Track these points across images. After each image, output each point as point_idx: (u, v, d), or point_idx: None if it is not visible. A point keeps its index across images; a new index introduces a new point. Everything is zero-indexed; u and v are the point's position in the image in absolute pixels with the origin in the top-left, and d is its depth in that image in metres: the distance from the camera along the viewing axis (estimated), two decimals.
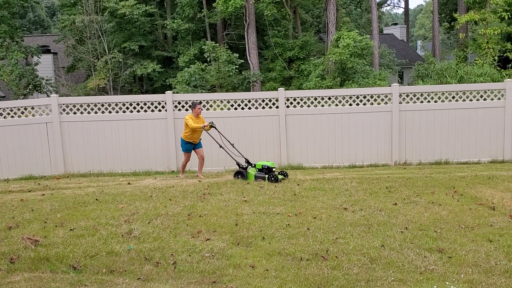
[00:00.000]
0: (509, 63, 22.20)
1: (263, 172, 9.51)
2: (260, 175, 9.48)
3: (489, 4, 22.17)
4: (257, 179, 9.45)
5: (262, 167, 9.59)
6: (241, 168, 9.94)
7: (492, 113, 11.67)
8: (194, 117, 10.14)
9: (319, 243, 5.51)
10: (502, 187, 8.14)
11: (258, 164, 9.72)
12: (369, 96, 11.82)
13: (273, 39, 24.42)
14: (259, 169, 9.62)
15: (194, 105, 10.27)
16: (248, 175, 9.65)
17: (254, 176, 9.52)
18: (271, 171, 9.51)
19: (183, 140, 10.28)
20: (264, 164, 9.59)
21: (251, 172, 9.67)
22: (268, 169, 9.52)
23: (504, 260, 4.93)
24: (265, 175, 9.43)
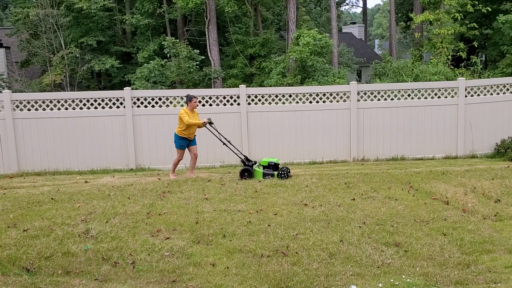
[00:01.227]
0: (462, 62, 23.03)
1: (271, 169, 9.30)
2: (268, 172, 9.25)
3: (443, 5, 22.90)
4: (265, 177, 9.20)
5: (268, 164, 9.35)
6: (247, 165, 9.45)
7: (446, 111, 12.07)
8: (189, 111, 9.45)
9: (279, 239, 5.54)
10: (455, 182, 8.43)
11: (264, 161, 9.46)
12: (328, 94, 11.99)
13: (234, 36, 24.37)
14: (266, 166, 9.36)
15: (190, 98, 9.54)
16: (256, 173, 9.30)
17: (262, 174, 9.24)
18: (277, 167, 9.34)
19: (177, 135, 9.53)
20: (271, 161, 9.38)
21: (258, 169, 9.34)
22: (275, 166, 9.33)
23: (457, 253, 5.11)
24: (273, 172, 9.24)
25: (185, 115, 9.32)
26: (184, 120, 9.27)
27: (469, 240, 5.44)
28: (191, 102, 9.55)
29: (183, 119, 9.31)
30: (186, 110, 9.46)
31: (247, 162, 9.50)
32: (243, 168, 9.40)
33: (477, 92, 12.18)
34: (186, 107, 9.61)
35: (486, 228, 5.88)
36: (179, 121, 9.47)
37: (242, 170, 9.37)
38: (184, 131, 9.47)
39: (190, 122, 9.30)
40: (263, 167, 9.40)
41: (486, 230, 5.81)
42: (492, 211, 6.56)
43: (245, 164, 9.47)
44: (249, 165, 9.45)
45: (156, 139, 11.63)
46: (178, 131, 9.55)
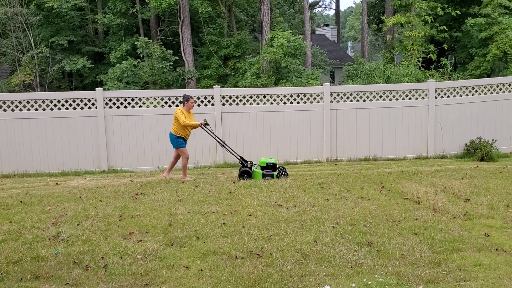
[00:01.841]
0: (433, 64, 23.53)
1: (270, 170, 9.25)
2: (268, 173, 9.19)
3: (414, 8, 23.34)
4: (265, 177, 9.14)
5: (267, 164, 9.27)
6: (246, 167, 9.34)
7: (417, 112, 12.30)
8: (186, 112, 9.25)
9: (254, 241, 5.53)
10: (426, 182, 8.59)
11: (262, 162, 9.36)
12: (302, 95, 12.07)
13: (208, 37, 24.29)
14: (264, 167, 9.28)
15: (187, 98, 9.36)
16: (255, 174, 9.23)
17: (262, 175, 9.16)
18: (275, 167, 9.30)
19: (174, 134, 9.25)
20: (269, 162, 9.30)
21: (258, 171, 9.26)
22: (273, 166, 9.27)
23: (428, 252, 5.19)
24: (273, 173, 9.21)
25: (181, 115, 9.10)
26: (181, 120, 9.05)
27: (439, 239, 5.54)
28: (187, 102, 9.35)
29: (179, 119, 9.09)
30: (182, 110, 9.23)
31: (245, 163, 9.39)
32: (243, 169, 9.28)
33: (446, 93, 12.45)
34: (182, 107, 9.38)
35: (456, 227, 6.01)
36: (175, 121, 9.24)
37: (242, 171, 9.26)
38: (180, 131, 9.24)
39: (186, 123, 9.10)
40: (261, 168, 9.31)
41: (456, 229, 5.93)
42: (462, 210, 6.70)
43: (244, 165, 9.35)
44: (248, 166, 9.34)
45: (128, 140, 11.48)
46: (174, 131, 9.28)
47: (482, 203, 7.04)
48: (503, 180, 8.62)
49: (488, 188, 7.97)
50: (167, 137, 11.46)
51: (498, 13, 22.52)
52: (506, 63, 22.86)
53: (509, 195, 7.50)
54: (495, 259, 4.97)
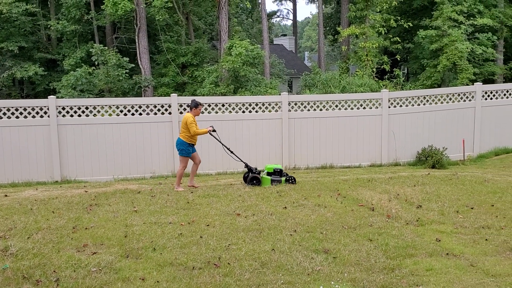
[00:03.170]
0: (386, 74, 24.25)
1: (278, 176, 9.44)
2: (276, 178, 9.40)
3: (368, 19, 24.04)
4: (273, 183, 9.34)
5: (274, 170, 9.48)
6: (255, 173, 9.44)
7: (371, 121, 12.62)
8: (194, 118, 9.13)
9: (211, 251, 5.49)
10: (380, 189, 8.81)
11: (269, 168, 9.56)
12: (261, 104, 12.14)
13: (166, 44, 24.08)
14: (271, 173, 9.48)
15: (196, 104, 9.19)
16: (264, 179, 9.38)
17: (271, 180, 9.35)
18: (282, 173, 9.50)
19: (186, 142, 9.02)
20: (276, 167, 9.53)
21: (266, 177, 9.42)
22: (280, 172, 9.49)
23: (382, 258, 5.32)
24: (280, 178, 9.41)
25: (193, 124, 8.98)
26: (192, 130, 8.93)
27: (393, 245, 5.68)
28: (196, 108, 9.23)
29: (190, 129, 8.94)
30: (193, 117, 9.10)
31: (254, 170, 9.52)
32: (252, 176, 9.40)
33: (399, 103, 12.85)
34: (190, 112, 9.20)
35: (408, 233, 6.18)
36: (185, 128, 9.02)
37: (252, 177, 9.38)
38: (191, 137, 9.11)
39: (198, 132, 9.02)
40: (268, 174, 9.50)
41: (409, 235, 6.11)
42: (414, 216, 6.91)
43: (252, 172, 9.49)
44: (256, 172, 9.48)
45: (83, 149, 11.17)
46: (185, 138, 9.06)
47: (433, 209, 7.29)
48: (453, 187, 8.96)
49: (439, 195, 8.26)
50: (123, 146, 11.28)
51: (448, 26, 23.52)
52: (456, 73, 23.89)
53: (459, 201, 7.80)
54: (446, 263, 5.15)
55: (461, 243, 5.81)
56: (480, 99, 13.39)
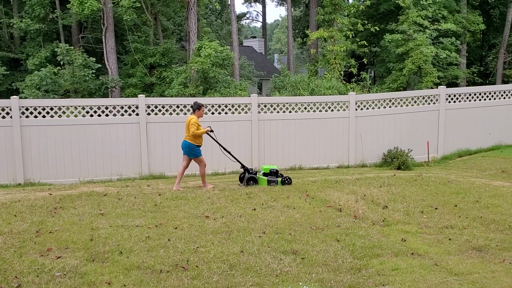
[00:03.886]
0: (353, 77, 24.65)
1: (274, 176, 9.60)
2: (272, 179, 9.56)
3: (336, 23, 24.37)
4: (270, 184, 9.50)
5: (270, 171, 9.63)
6: (252, 173, 9.67)
7: (339, 123, 12.78)
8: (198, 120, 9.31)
9: (179, 254, 5.44)
10: (347, 190, 8.92)
11: (265, 169, 9.71)
12: (230, 106, 12.12)
13: (133, 45, 23.75)
14: (268, 173, 9.62)
15: (199, 106, 9.42)
16: (260, 180, 9.57)
17: (267, 181, 9.52)
18: (278, 174, 9.67)
19: (194, 145, 9.22)
20: (272, 168, 9.68)
21: (262, 177, 9.57)
22: (276, 173, 9.65)
23: (349, 258, 5.39)
24: (277, 179, 9.57)
25: (194, 125, 9.12)
26: (191, 130, 9.08)
27: (360, 245, 5.77)
28: (199, 110, 9.43)
29: (190, 129, 9.12)
30: (196, 119, 9.28)
31: (250, 170, 9.72)
32: (249, 176, 9.59)
33: (366, 106, 13.07)
34: (193, 114, 9.40)
35: (375, 233, 6.29)
36: (188, 129, 9.22)
37: (249, 177, 9.56)
38: (198, 139, 9.29)
39: (196, 133, 9.12)
40: (264, 174, 9.64)
41: (375, 235, 6.21)
42: (381, 217, 7.03)
43: (249, 172, 9.66)
44: (253, 173, 9.67)
45: (47, 151, 10.89)
46: (192, 140, 9.23)
47: (399, 210, 7.44)
48: (418, 188, 9.16)
49: (404, 195, 8.43)
50: (89, 148, 11.06)
51: (413, 30, 24.08)
52: (421, 77, 24.48)
53: (423, 202, 7.98)
54: (411, 263, 5.26)
55: (426, 242, 5.95)
56: (444, 102, 13.75)
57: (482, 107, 14.34)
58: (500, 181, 10.24)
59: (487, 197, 8.20)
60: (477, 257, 5.45)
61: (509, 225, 6.54)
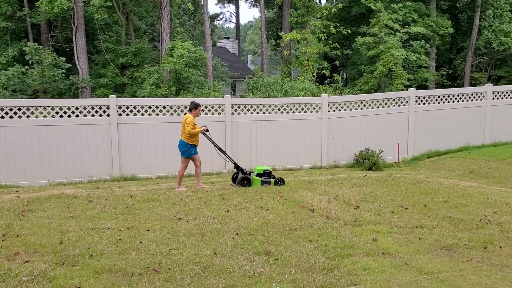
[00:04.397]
0: (326, 79, 24.90)
1: (267, 177, 9.66)
2: (266, 180, 9.63)
3: (309, 25, 24.57)
4: (263, 184, 9.57)
5: (264, 171, 9.69)
6: (246, 173, 9.73)
7: (312, 124, 12.89)
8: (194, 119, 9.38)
9: (151, 256, 5.38)
10: (320, 191, 8.99)
11: (259, 169, 9.77)
12: (203, 107, 12.06)
13: (105, 44, 23.38)
14: (261, 174, 9.68)
15: (196, 106, 9.51)
16: (254, 180, 9.61)
17: (261, 181, 9.58)
18: (271, 174, 9.74)
19: (188, 143, 9.30)
20: (265, 169, 9.75)
21: (256, 178, 9.64)
22: (269, 173, 9.71)
23: (322, 258, 5.43)
24: (270, 179, 9.64)
25: (190, 124, 9.20)
26: (187, 129, 9.16)
27: (332, 246, 5.82)
28: (196, 110, 9.51)
29: (186, 128, 9.19)
30: (192, 118, 9.35)
31: (244, 171, 9.77)
32: (243, 176, 9.63)
33: (338, 107, 13.21)
34: (189, 113, 9.47)
35: (347, 233, 6.36)
36: (184, 128, 9.29)
37: (243, 178, 9.59)
38: (194, 138, 9.37)
39: (192, 132, 9.21)
40: (258, 175, 9.70)
41: (347, 235, 6.28)
42: (352, 217, 7.11)
43: (243, 172, 9.71)
44: (247, 173, 9.71)
45: (15, 152, 10.61)
46: (186, 139, 9.31)
47: (370, 210, 7.54)
48: (389, 188, 9.31)
49: (376, 196, 8.56)
50: (59, 149, 10.83)
51: (384, 33, 24.48)
52: (391, 79, 24.91)
53: (394, 202, 8.11)
54: (382, 262, 5.34)
55: (396, 242, 6.05)
56: (414, 104, 14.03)
57: (450, 109, 14.69)
58: (468, 181, 10.51)
59: (456, 197, 8.39)
60: (446, 256, 5.57)
61: (477, 225, 6.71)
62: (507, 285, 4.72)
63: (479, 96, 15.11)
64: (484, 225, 6.70)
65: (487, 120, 15.13)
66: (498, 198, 8.28)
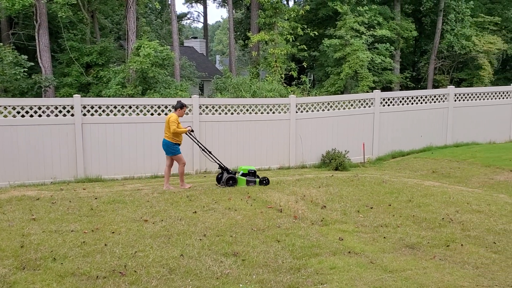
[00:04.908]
0: (294, 80, 25.08)
1: (252, 176, 9.75)
2: (251, 179, 9.71)
3: (277, 27, 24.69)
4: (249, 184, 9.63)
5: (248, 171, 9.77)
6: (231, 173, 9.78)
7: (280, 125, 12.95)
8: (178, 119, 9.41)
9: (117, 259, 5.28)
10: (288, 191, 9.05)
11: (244, 169, 9.82)
12: (170, 107, 11.93)
13: (69, 43, 22.83)
14: (246, 174, 9.75)
15: (182, 106, 9.56)
16: (239, 180, 9.67)
17: (246, 181, 9.64)
18: (256, 174, 9.83)
19: (171, 142, 9.34)
20: (250, 169, 9.85)
21: (241, 177, 9.69)
22: (254, 173, 9.80)
23: (289, 258, 5.46)
24: (255, 179, 9.72)
25: (175, 123, 9.23)
26: (172, 128, 9.18)
27: (299, 245, 5.86)
28: (181, 109, 9.56)
29: (171, 126, 9.20)
30: (176, 117, 9.37)
31: (230, 171, 9.84)
32: (229, 176, 9.66)
33: (306, 108, 13.33)
34: (175, 113, 9.49)
35: (314, 233, 6.42)
36: (167, 127, 9.33)
37: (228, 178, 9.62)
38: (177, 137, 9.40)
39: (177, 131, 9.25)
40: (243, 175, 9.75)
41: (314, 234, 6.34)
42: (319, 216, 7.19)
43: (229, 172, 9.77)
44: (233, 173, 9.77)
45: None
46: (170, 138, 9.35)
47: (336, 210, 7.64)
48: (354, 188, 9.45)
49: (342, 195, 8.67)
50: (21, 150, 10.50)
51: (350, 36, 24.87)
52: (357, 81, 25.33)
53: (360, 202, 8.24)
54: (348, 261, 5.41)
55: (362, 241, 6.15)
56: (379, 106, 14.30)
57: (414, 110, 15.04)
58: (431, 181, 10.78)
59: (419, 197, 8.60)
60: (410, 254, 5.69)
61: (439, 223, 6.89)
62: (468, 282, 4.86)
63: (441, 98, 15.53)
64: (446, 223, 6.88)
65: (449, 121, 15.56)
66: (460, 198, 8.53)
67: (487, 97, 16.08)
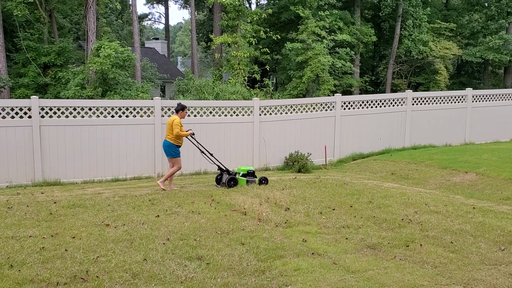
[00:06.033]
0: (257, 83, 25.16)
1: (252, 176, 10.15)
2: (251, 179, 10.13)
3: (240, 29, 24.74)
4: (248, 183, 10.02)
5: (247, 171, 10.19)
6: (231, 174, 10.09)
7: (244, 127, 12.98)
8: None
9: (78, 264, 5.16)
10: (252, 193, 9.07)
11: (243, 169, 10.21)
12: (132, 109, 11.75)
13: (25, 42, 22.11)
14: (246, 174, 10.16)
15: (182, 108, 9.76)
16: (240, 180, 10.02)
17: (246, 181, 10.05)
18: (254, 174, 10.26)
19: (173, 144, 9.54)
20: (249, 169, 10.26)
21: (241, 178, 10.07)
22: (253, 173, 10.21)
23: (254, 261, 5.48)
24: (255, 179, 10.14)
25: (178, 126, 9.43)
26: (175, 131, 9.37)
27: (264, 248, 5.89)
28: (183, 111, 9.76)
29: (174, 129, 9.38)
30: (179, 119, 9.55)
31: (230, 172, 10.17)
32: (230, 177, 9.96)
33: (269, 111, 13.42)
34: (176, 115, 9.67)
35: (278, 235, 6.47)
36: (171, 129, 9.45)
37: (229, 178, 9.91)
38: (179, 139, 9.59)
39: (180, 134, 9.47)
40: (243, 175, 10.15)
41: (278, 236, 6.39)
42: (283, 218, 7.25)
43: (229, 174, 10.10)
44: (233, 174, 10.09)
45: None
46: (172, 139, 9.53)
47: (300, 211, 7.72)
48: (317, 190, 9.59)
49: (305, 197, 8.78)
50: None
51: (312, 40, 25.22)
52: (319, 84, 25.71)
53: (322, 203, 8.36)
54: (312, 262, 5.48)
55: (325, 242, 6.24)
56: (340, 109, 14.56)
57: (373, 113, 15.39)
58: (390, 183, 11.07)
59: (379, 198, 8.80)
60: (371, 255, 5.82)
61: (399, 224, 7.08)
62: (427, 281, 5.02)
63: (400, 102, 15.97)
64: (405, 224, 7.08)
65: (407, 124, 16.01)
66: (418, 199, 8.79)
67: (444, 101, 16.65)
